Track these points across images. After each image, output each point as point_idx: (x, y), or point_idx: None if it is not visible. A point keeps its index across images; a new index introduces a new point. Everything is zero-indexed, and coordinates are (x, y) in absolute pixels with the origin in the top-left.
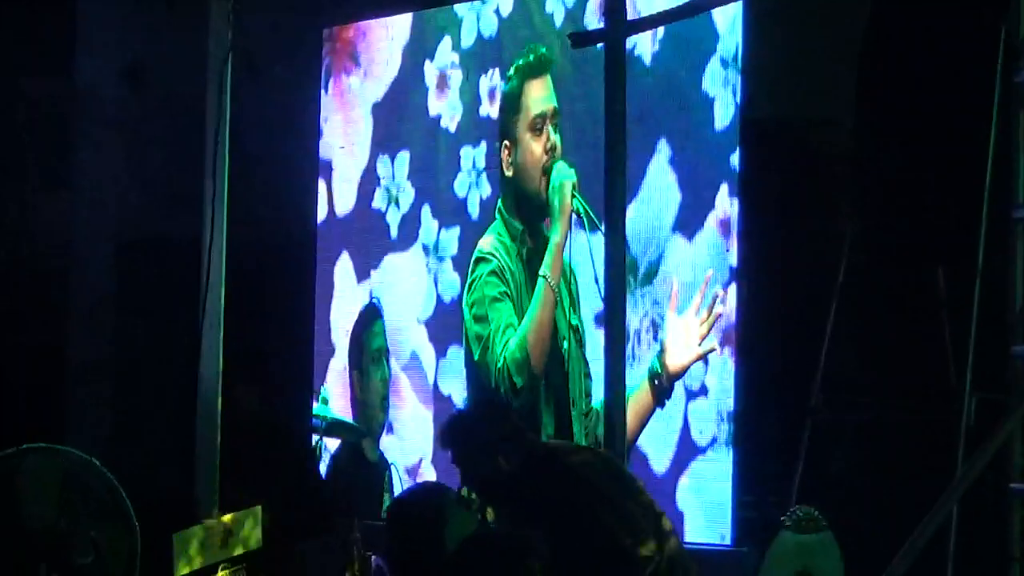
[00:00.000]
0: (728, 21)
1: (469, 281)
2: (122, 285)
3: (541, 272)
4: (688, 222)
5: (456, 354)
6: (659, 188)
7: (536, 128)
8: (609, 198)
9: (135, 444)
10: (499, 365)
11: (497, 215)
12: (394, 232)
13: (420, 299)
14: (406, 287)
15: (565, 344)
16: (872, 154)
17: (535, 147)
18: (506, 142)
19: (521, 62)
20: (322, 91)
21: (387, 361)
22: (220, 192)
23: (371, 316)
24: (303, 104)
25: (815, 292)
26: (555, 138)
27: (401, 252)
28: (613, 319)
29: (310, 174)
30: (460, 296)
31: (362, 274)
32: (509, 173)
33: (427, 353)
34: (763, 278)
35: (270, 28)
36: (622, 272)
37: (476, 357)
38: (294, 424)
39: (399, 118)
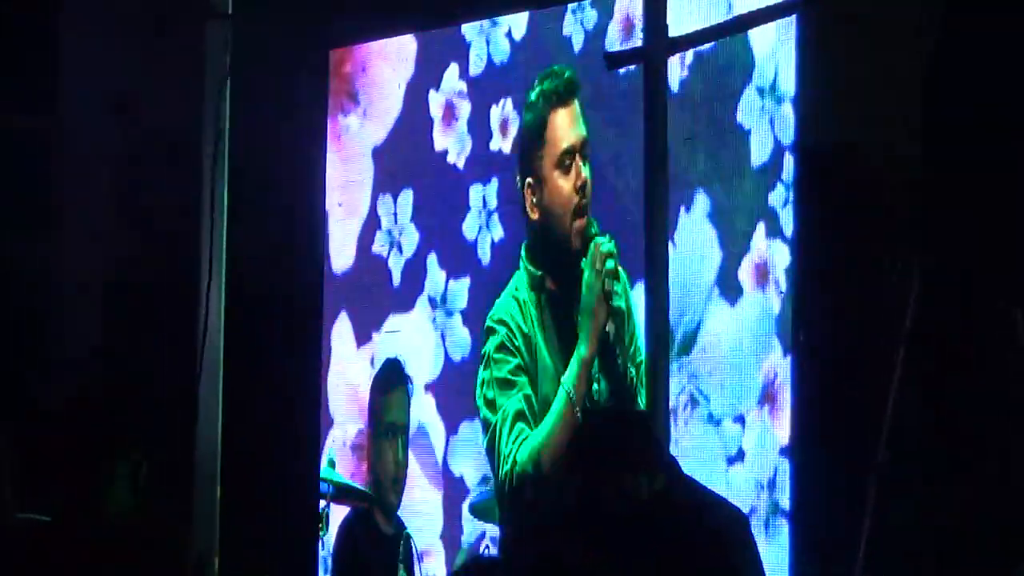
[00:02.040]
0: (767, 44)
1: (482, 354)
2: (110, 334)
3: (564, 387)
4: (728, 279)
5: (468, 431)
6: (694, 241)
7: (564, 164)
8: (650, 251)
9: None
10: (506, 468)
11: (521, 263)
12: (396, 279)
13: (427, 360)
14: (410, 347)
15: None
16: (941, 186)
17: (563, 185)
18: (529, 180)
19: (546, 86)
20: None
21: (404, 438)
22: (218, 233)
23: (388, 380)
24: (309, 134)
25: (879, 339)
26: (586, 173)
27: (405, 313)
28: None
29: (317, 213)
30: (471, 355)
31: (362, 337)
32: (534, 216)
33: (435, 427)
34: (819, 325)
35: (272, 52)
36: (665, 343)
37: (483, 442)
38: (299, 488)
39: (402, 153)
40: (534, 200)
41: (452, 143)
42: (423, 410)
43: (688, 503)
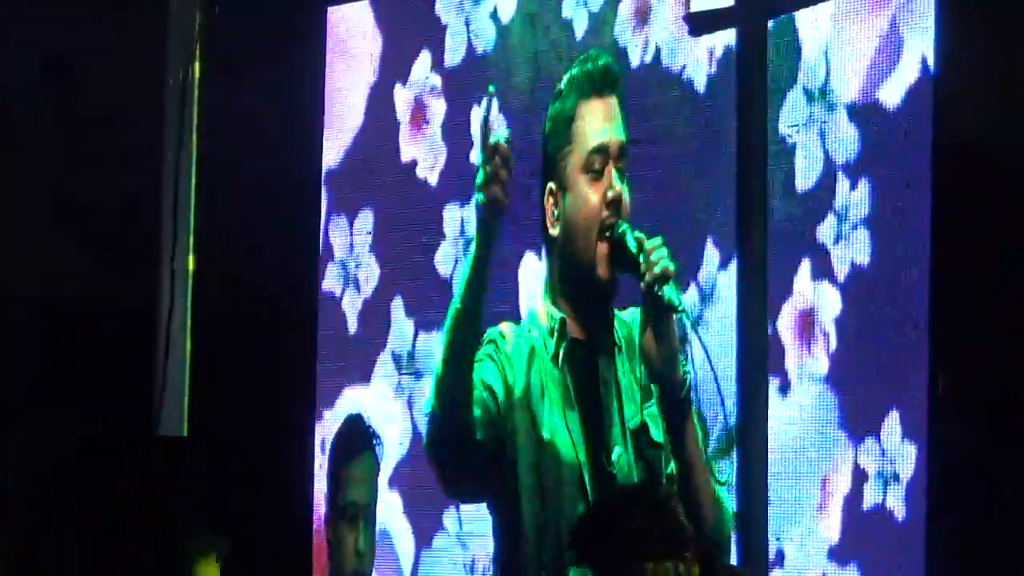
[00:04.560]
0: (819, 35)
1: None
2: (44, 371)
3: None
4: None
5: (446, 542)
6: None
7: (592, 168)
8: (744, 284)
9: None
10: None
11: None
12: (352, 325)
13: (391, 439)
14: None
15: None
16: None
17: (590, 195)
18: (551, 185)
19: (576, 71)
20: None
21: (369, 521)
22: (183, 242)
23: (350, 444)
24: (301, 116)
25: None
26: (621, 187)
27: (362, 385)
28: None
29: (310, 215)
30: None
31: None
32: (554, 231)
33: (402, 534)
34: (963, 370)
35: (253, 11)
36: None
37: None
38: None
39: (360, 164)
40: (555, 211)
41: (422, 152)
42: (388, 511)
43: None
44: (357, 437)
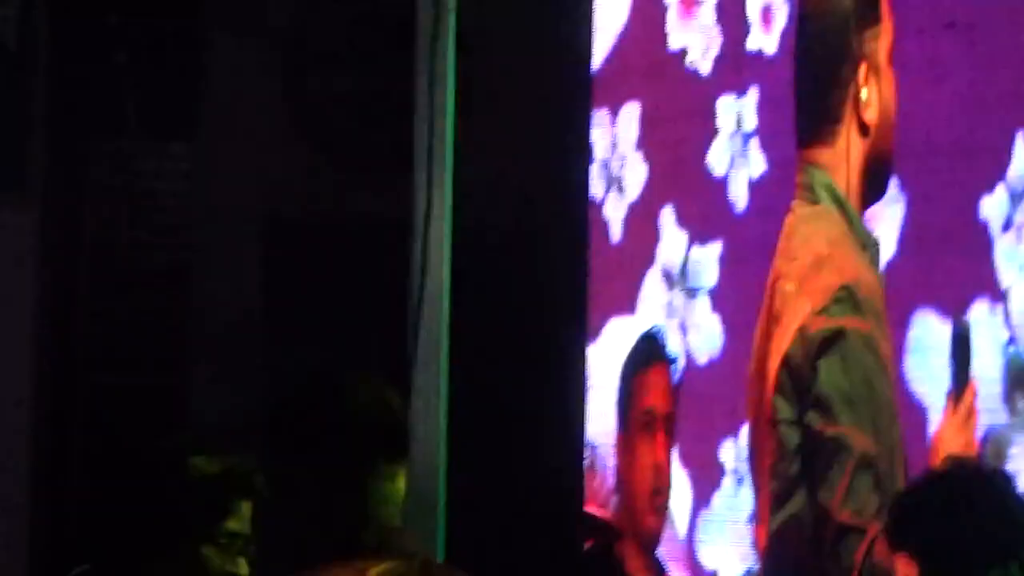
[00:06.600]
0: None
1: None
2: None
3: None
4: None
5: (726, 502)
6: None
7: (897, 58)
8: None
9: None
10: None
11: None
12: (616, 233)
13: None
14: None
15: None
16: None
17: (894, 94)
18: (864, 64)
19: None
20: None
21: (669, 434)
22: (439, 152)
23: (648, 353)
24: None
25: None
26: None
27: (627, 315)
28: None
29: (576, 110)
30: (725, 357)
31: None
32: (869, 116)
33: (677, 487)
34: None
35: None
36: None
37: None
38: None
39: (624, 52)
40: (864, 92)
41: (694, 38)
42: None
43: None
44: (655, 348)
